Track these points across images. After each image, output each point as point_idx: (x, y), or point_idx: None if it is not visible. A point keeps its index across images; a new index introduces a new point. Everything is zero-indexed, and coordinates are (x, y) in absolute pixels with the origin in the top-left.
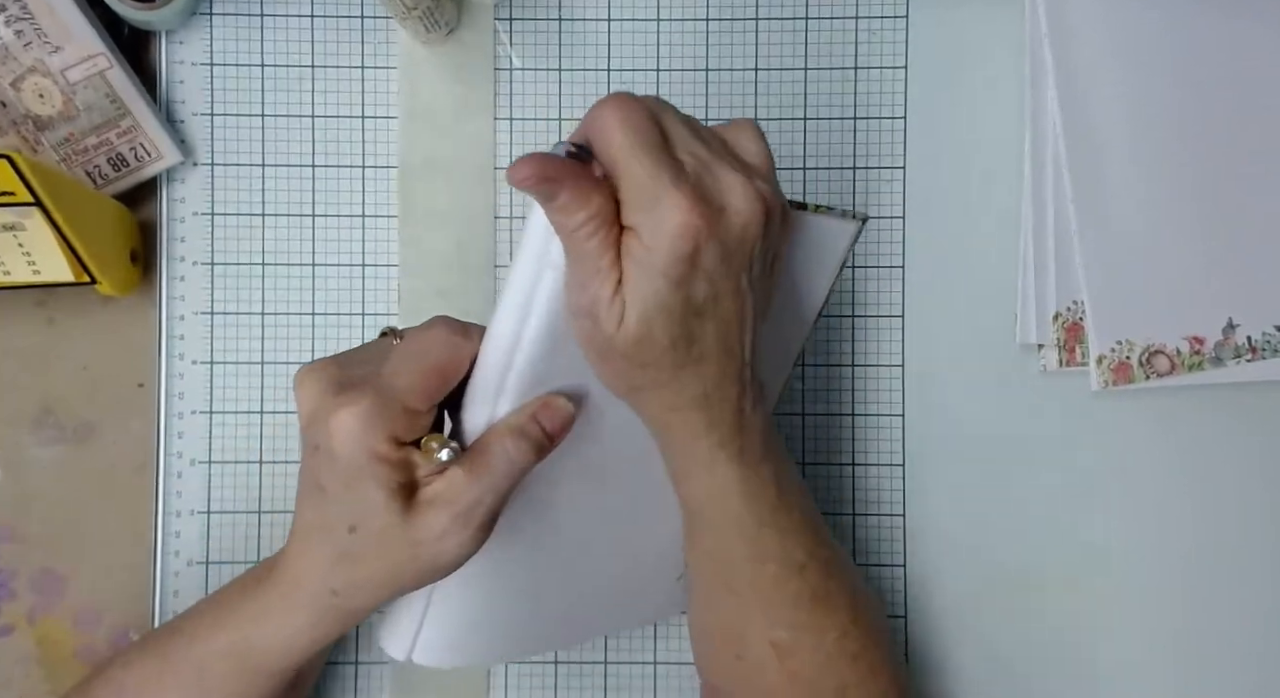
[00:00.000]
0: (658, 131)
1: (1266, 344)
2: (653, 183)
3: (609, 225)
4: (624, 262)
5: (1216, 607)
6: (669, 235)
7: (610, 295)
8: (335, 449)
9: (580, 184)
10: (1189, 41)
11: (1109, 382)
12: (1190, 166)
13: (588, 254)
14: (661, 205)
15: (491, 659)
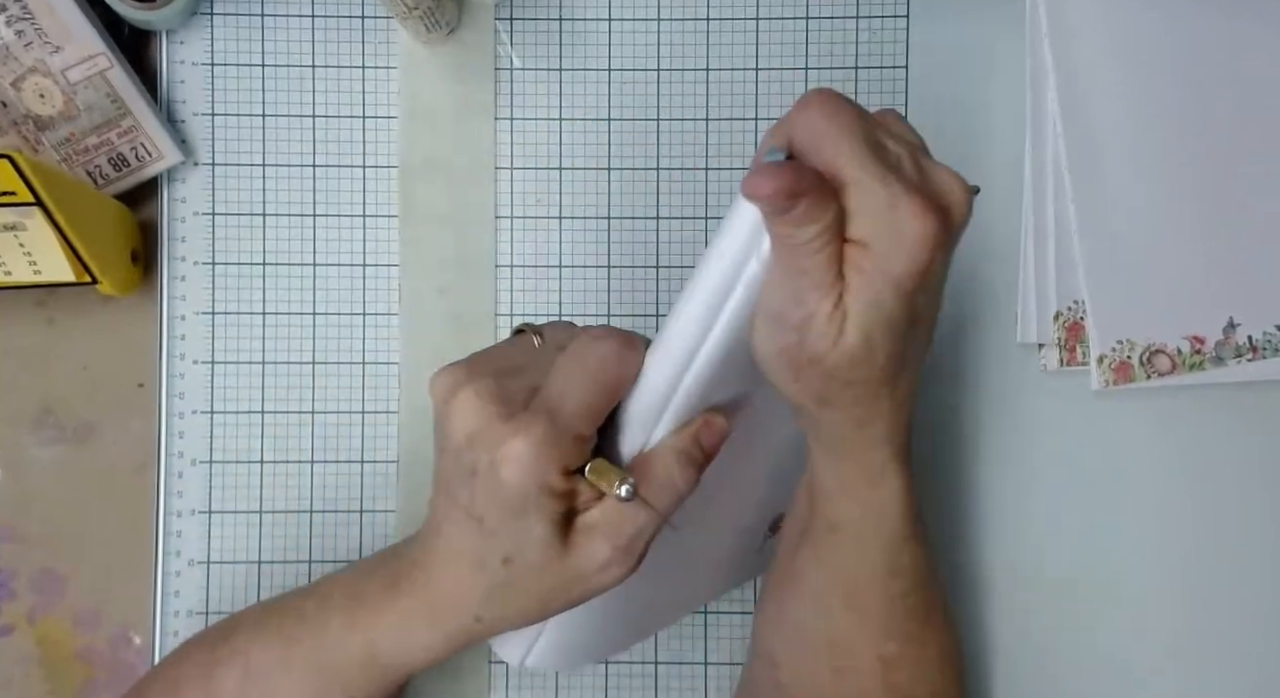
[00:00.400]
0: (869, 125)
1: (1267, 344)
2: (886, 191)
3: (838, 237)
4: (847, 274)
5: (1216, 607)
6: (909, 246)
7: (830, 311)
8: (504, 479)
9: (823, 195)
10: (1189, 41)
11: (1109, 381)
12: (1190, 166)
13: (813, 268)
14: (898, 215)
15: (596, 659)
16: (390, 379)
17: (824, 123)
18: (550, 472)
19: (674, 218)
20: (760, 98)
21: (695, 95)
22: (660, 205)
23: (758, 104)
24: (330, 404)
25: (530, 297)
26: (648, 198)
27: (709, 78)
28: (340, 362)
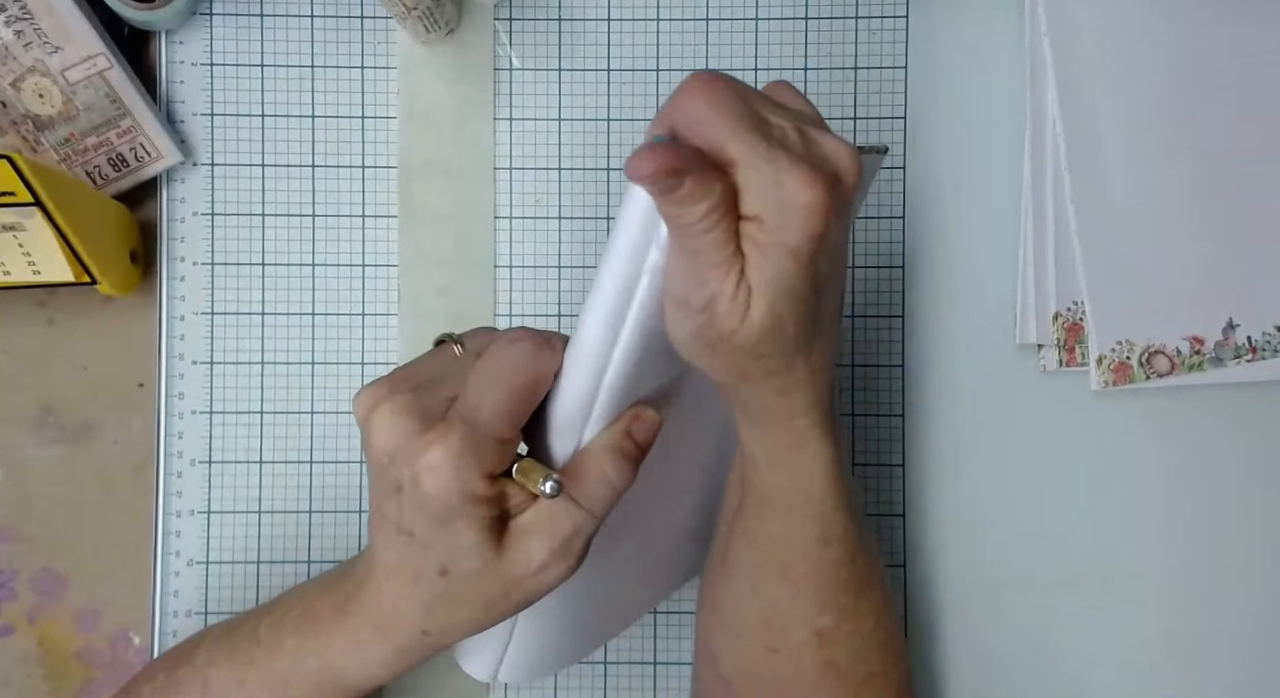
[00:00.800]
0: (750, 105)
1: (1266, 344)
2: (770, 165)
3: (730, 214)
4: (745, 248)
5: (1216, 607)
6: (800, 216)
7: (734, 289)
8: (426, 491)
9: (706, 172)
10: (1189, 41)
11: (1109, 382)
12: (1190, 167)
13: (707, 247)
14: (785, 187)
15: (564, 666)
16: None
17: (703, 105)
18: (472, 478)
19: None
20: None
21: None
22: None
23: None
24: (329, 405)
25: (529, 297)
26: None
27: None
28: (339, 362)
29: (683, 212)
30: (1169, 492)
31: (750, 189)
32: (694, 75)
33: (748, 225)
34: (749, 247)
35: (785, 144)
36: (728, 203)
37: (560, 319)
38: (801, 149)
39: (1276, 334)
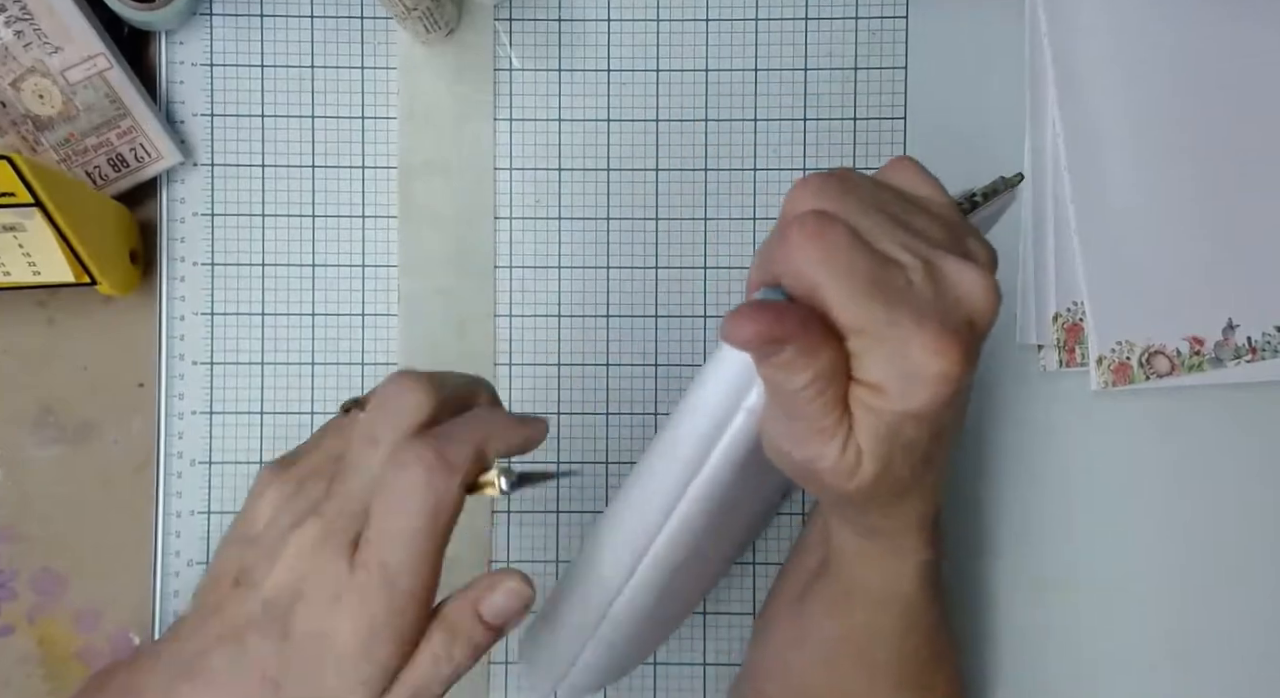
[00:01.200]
0: (868, 255)
1: (1266, 345)
2: (893, 330)
3: (839, 379)
4: (855, 411)
5: (1216, 607)
6: (928, 386)
7: (839, 452)
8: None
9: (810, 341)
10: (1189, 41)
11: (1109, 382)
12: (1190, 167)
13: (810, 415)
14: (911, 355)
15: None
16: None
17: (814, 260)
18: (390, 653)
19: (673, 219)
20: (760, 98)
21: (694, 96)
22: (660, 206)
23: (757, 105)
24: (329, 405)
25: (529, 297)
26: (647, 198)
27: (708, 78)
28: (339, 362)
29: (784, 378)
30: (1169, 492)
31: (868, 358)
32: (800, 219)
33: (862, 391)
34: (860, 410)
35: (909, 298)
36: (837, 369)
37: (560, 319)
38: (930, 299)
39: (1276, 334)
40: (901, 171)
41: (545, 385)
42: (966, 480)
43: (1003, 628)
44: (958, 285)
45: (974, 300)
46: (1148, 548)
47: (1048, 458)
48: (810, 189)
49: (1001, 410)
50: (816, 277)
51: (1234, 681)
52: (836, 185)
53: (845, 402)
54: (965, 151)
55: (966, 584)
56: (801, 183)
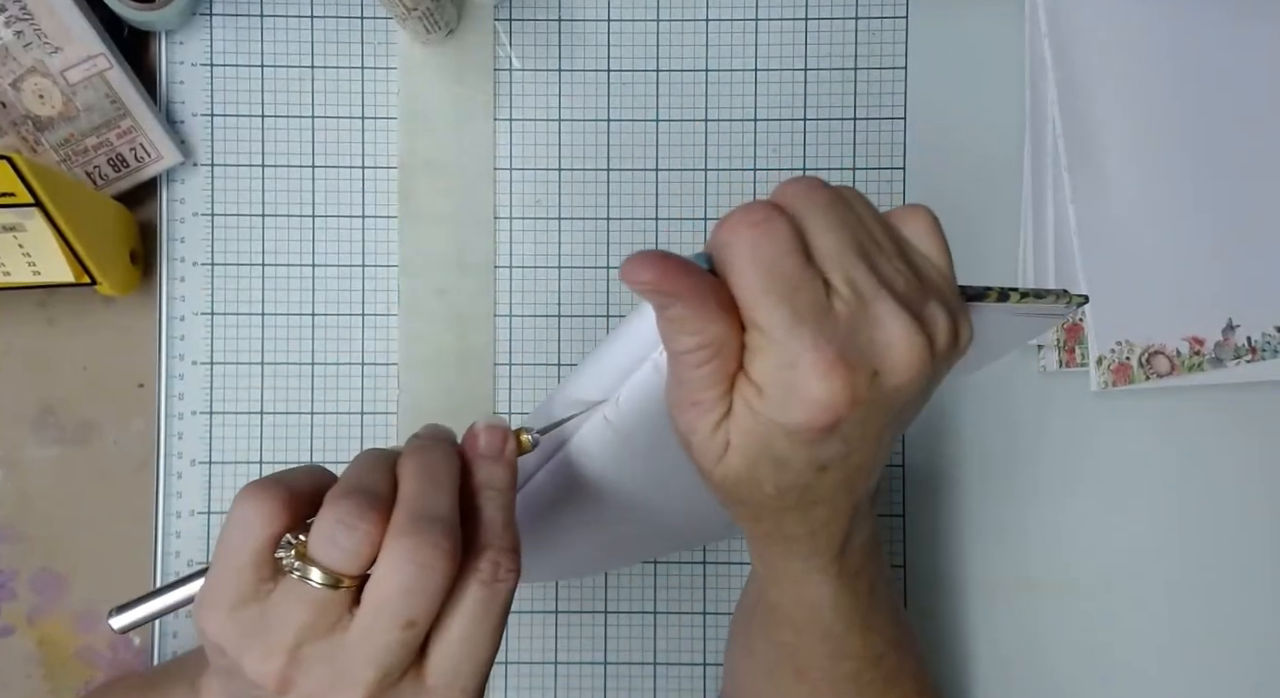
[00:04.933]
0: (798, 262)
1: (1266, 345)
2: (787, 339)
3: (725, 357)
4: (736, 401)
5: (1216, 607)
6: (803, 405)
7: (710, 430)
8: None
9: (702, 307)
10: (1189, 42)
11: (1109, 383)
12: (1190, 166)
13: (692, 380)
14: (797, 370)
15: (572, 576)
16: (389, 380)
17: (744, 250)
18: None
19: (673, 219)
20: (759, 99)
21: (694, 96)
22: (659, 206)
23: (757, 105)
24: (329, 405)
25: (529, 297)
26: (647, 199)
27: (708, 79)
28: (339, 362)
29: (670, 335)
30: (1169, 492)
31: (759, 356)
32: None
33: (745, 385)
34: (740, 403)
35: (821, 320)
36: (728, 347)
37: (560, 319)
38: (843, 331)
39: (1276, 334)
40: (915, 220)
41: (545, 385)
42: (964, 480)
43: (999, 629)
44: (882, 331)
45: (892, 353)
46: (1147, 548)
47: (1048, 458)
48: (799, 187)
49: (1001, 411)
50: (735, 261)
51: (1234, 680)
52: (824, 195)
53: (729, 385)
54: (965, 152)
55: (963, 585)
56: (794, 179)
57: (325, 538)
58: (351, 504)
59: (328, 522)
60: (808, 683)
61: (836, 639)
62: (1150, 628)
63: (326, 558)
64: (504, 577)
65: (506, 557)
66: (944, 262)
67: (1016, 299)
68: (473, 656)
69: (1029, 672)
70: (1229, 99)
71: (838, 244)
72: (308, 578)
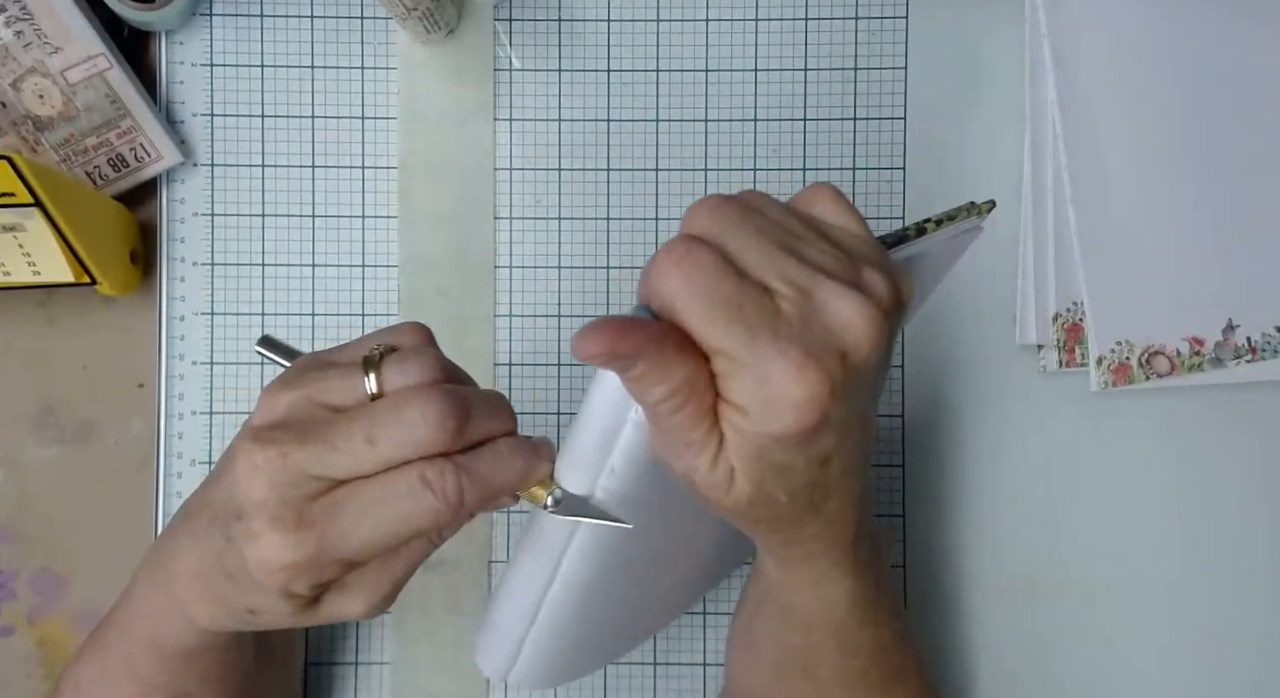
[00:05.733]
0: (732, 280)
1: (1266, 345)
2: (752, 357)
3: (700, 394)
4: (725, 429)
5: (1216, 607)
6: (788, 410)
7: (709, 465)
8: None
9: (661, 356)
10: (1189, 41)
11: (1109, 383)
12: (1190, 167)
13: (674, 427)
14: (771, 382)
15: (584, 674)
16: None
17: (678, 284)
18: (300, 588)
19: (673, 219)
20: (759, 99)
21: (694, 96)
22: (659, 206)
23: (756, 105)
24: None
25: (529, 297)
26: (646, 199)
27: (708, 79)
28: None
29: (640, 392)
30: (1169, 492)
31: (731, 380)
32: (670, 245)
33: (728, 410)
34: (729, 429)
35: (773, 324)
36: (698, 383)
37: (560, 319)
38: (798, 326)
39: (1276, 334)
40: (818, 200)
41: (545, 385)
42: (964, 480)
43: (1000, 629)
44: (834, 315)
45: (850, 331)
46: (1147, 548)
47: (1047, 458)
48: (703, 211)
49: (1001, 411)
50: (675, 301)
51: (1234, 680)
52: (732, 210)
53: (713, 418)
54: (965, 152)
55: (963, 585)
56: (698, 204)
57: (400, 358)
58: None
59: (412, 352)
60: (816, 682)
61: (847, 635)
62: (1150, 628)
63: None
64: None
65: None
66: (859, 227)
67: (933, 228)
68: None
69: (1029, 672)
70: (1229, 99)
71: (762, 250)
72: (366, 374)
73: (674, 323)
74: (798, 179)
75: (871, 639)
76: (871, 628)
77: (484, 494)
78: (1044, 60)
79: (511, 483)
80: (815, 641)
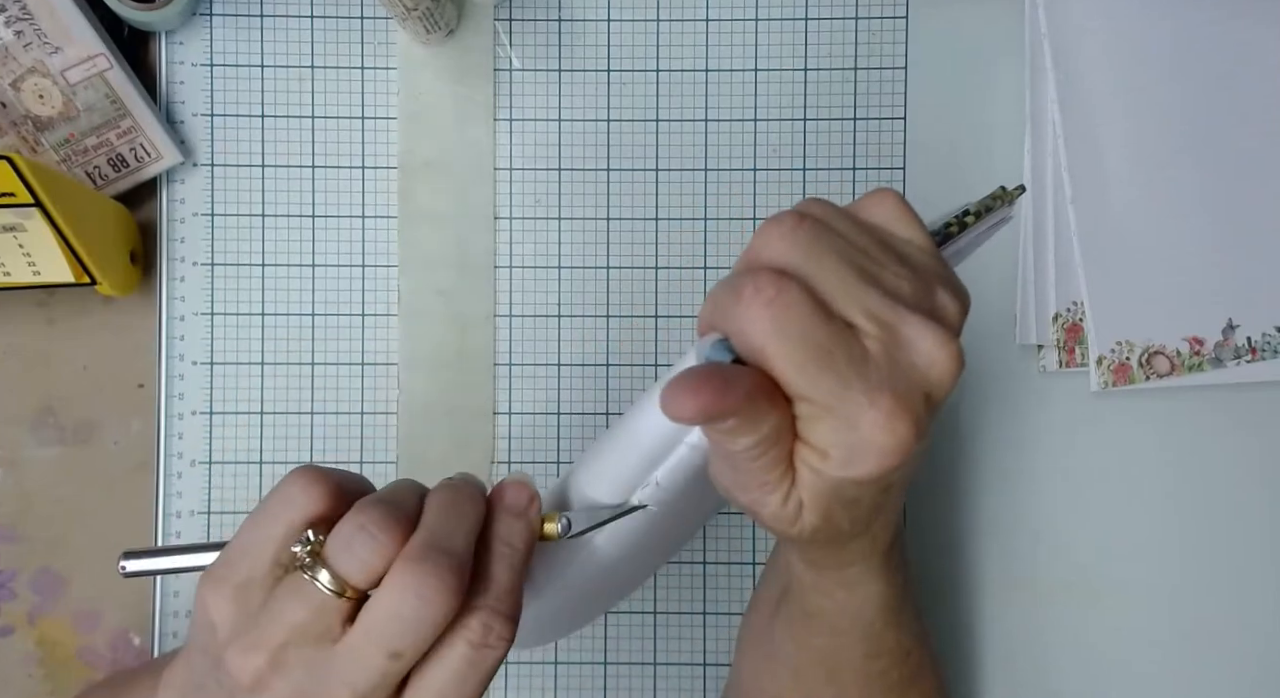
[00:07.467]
0: (823, 323)
1: (1266, 345)
2: (841, 404)
3: (783, 441)
4: (799, 468)
5: (1215, 607)
6: (873, 459)
7: (780, 503)
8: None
9: (754, 412)
10: (1189, 42)
11: (1109, 382)
12: (1190, 167)
13: (752, 471)
14: (860, 428)
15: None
16: (389, 380)
17: (766, 328)
18: None
19: (673, 219)
20: (759, 99)
21: (694, 96)
22: (659, 206)
23: (757, 105)
24: (329, 405)
25: (529, 297)
26: (647, 199)
27: (708, 78)
28: (339, 362)
29: (725, 441)
30: (1169, 492)
31: (815, 424)
32: (759, 280)
33: (807, 452)
34: (804, 470)
35: (863, 369)
36: (782, 433)
37: (560, 319)
38: (886, 370)
39: (1276, 334)
40: (882, 206)
41: (545, 385)
42: (965, 481)
43: (1000, 629)
44: (918, 353)
45: (935, 369)
46: (1147, 548)
47: (1047, 458)
48: (778, 234)
49: (1001, 411)
50: (766, 345)
51: (1233, 680)
52: (808, 234)
53: (790, 459)
54: (965, 152)
55: (963, 585)
56: (772, 223)
57: (343, 541)
58: (377, 514)
59: (351, 525)
60: (837, 685)
61: (874, 638)
62: (1149, 627)
63: (338, 562)
64: (494, 643)
65: (500, 622)
66: (925, 240)
67: (973, 220)
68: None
69: (1029, 672)
70: (1229, 99)
71: (846, 281)
72: (316, 578)
73: (761, 369)
74: (798, 179)
75: (895, 641)
76: (895, 630)
77: (518, 595)
78: (1044, 60)
79: (525, 563)
80: (841, 643)
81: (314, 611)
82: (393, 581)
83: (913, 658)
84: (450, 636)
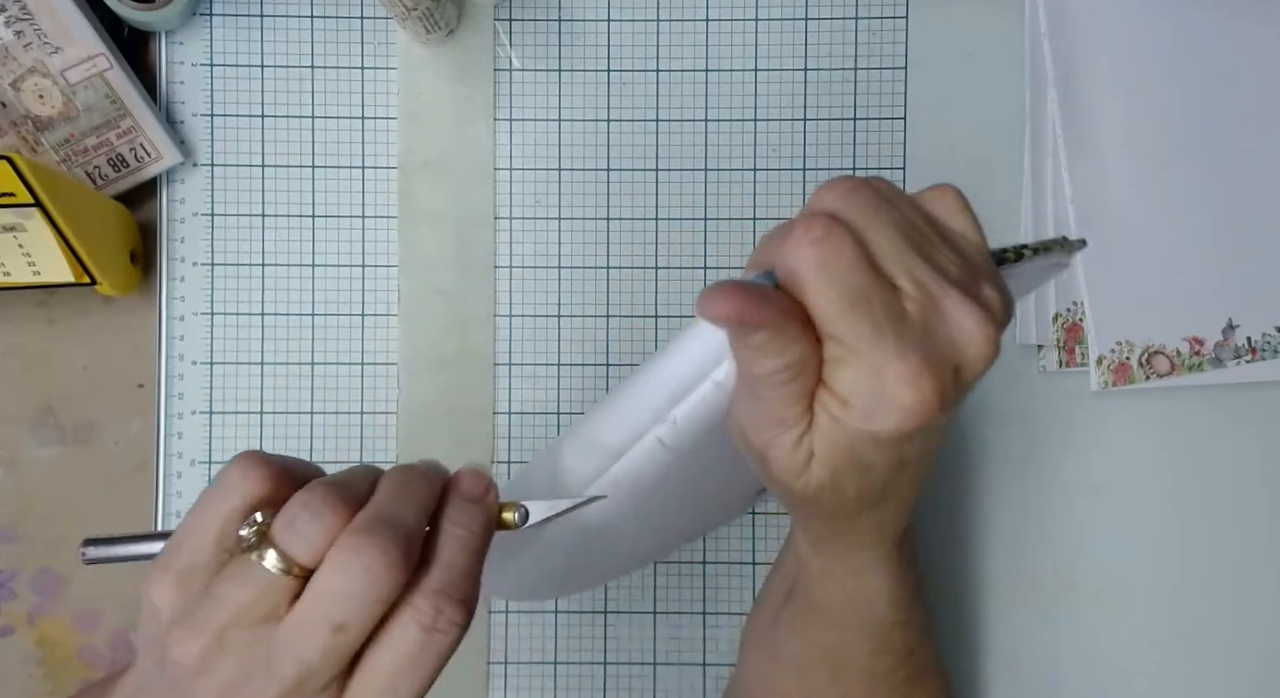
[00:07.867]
0: (866, 271)
1: (1266, 345)
2: (872, 351)
3: (808, 375)
4: (818, 414)
5: (1215, 607)
6: (894, 412)
7: (792, 445)
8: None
9: (785, 329)
10: (1189, 41)
11: (1109, 382)
12: (1190, 167)
13: (773, 399)
14: (885, 379)
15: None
16: (389, 380)
17: (812, 266)
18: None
19: (673, 219)
20: (759, 98)
21: (694, 96)
22: (659, 206)
23: (757, 105)
24: (329, 405)
25: (529, 297)
26: (647, 199)
27: (708, 78)
28: (339, 362)
29: (755, 360)
30: (1169, 492)
31: (841, 369)
32: (810, 219)
33: (829, 398)
34: (822, 413)
35: (899, 325)
36: (809, 366)
37: (560, 319)
38: (921, 332)
39: (1276, 334)
40: (943, 200)
41: (545, 385)
42: (965, 481)
43: (1000, 630)
44: (955, 327)
45: (968, 347)
46: (1147, 548)
47: (1047, 458)
48: (838, 192)
49: (1001, 410)
50: (808, 278)
51: (1233, 680)
52: (866, 196)
53: (810, 399)
54: (965, 152)
55: (964, 586)
56: (834, 182)
57: (288, 521)
58: (322, 494)
59: (296, 505)
60: (842, 683)
61: (881, 634)
62: (1150, 627)
63: (284, 541)
64: (444, 627)
65: (451, 606)
66: (979, 238)
67: (1030, 255)
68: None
69: (1029, 671)
70: (1228, 98)
71: (896, 245)
72: (262, 558)
73: (799, 301)
74: (798, 179)
75: (901, 638)
76: (902, 627)
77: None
78: (1044, 60)
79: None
80: (847, 639)
81: (259, 591)
82: (336, 552)
83: (917, 657)
84: (401, 615)
